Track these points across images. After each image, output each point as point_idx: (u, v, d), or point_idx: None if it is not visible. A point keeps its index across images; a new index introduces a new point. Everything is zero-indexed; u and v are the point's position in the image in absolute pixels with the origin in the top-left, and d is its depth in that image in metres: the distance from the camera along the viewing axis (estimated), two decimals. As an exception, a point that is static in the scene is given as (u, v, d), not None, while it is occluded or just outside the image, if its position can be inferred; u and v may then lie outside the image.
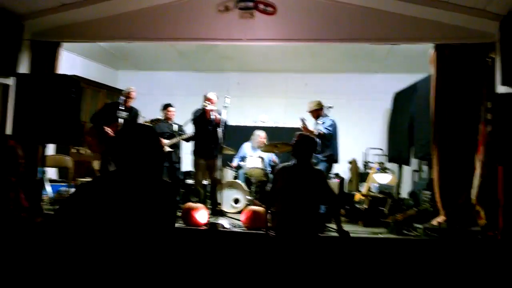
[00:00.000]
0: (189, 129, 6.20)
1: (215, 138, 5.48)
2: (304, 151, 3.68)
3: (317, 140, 3.86)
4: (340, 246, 3.83)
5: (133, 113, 6.00)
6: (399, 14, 5.21)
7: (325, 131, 5.64)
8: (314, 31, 5.44)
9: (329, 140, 5.68)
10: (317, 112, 5.92)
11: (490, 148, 4.51)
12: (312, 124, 5.96)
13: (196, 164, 5.96)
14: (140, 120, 5.89)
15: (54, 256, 1.68)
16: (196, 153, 5.91)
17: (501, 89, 4.66)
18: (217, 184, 5.76)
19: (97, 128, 5.79)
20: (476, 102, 4.92)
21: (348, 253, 4.07)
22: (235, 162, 7.04)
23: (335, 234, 3.81)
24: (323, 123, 5.77)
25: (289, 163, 3.78)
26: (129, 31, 5.70)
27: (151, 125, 5.92)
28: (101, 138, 5.76)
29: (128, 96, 5.93)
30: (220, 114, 5.64)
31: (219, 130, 5.42)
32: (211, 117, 5.72)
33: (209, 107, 5.73)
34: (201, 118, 5.77)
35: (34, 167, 5.46)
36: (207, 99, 5.79)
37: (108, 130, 5.71)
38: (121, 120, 5.65)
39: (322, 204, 3.71)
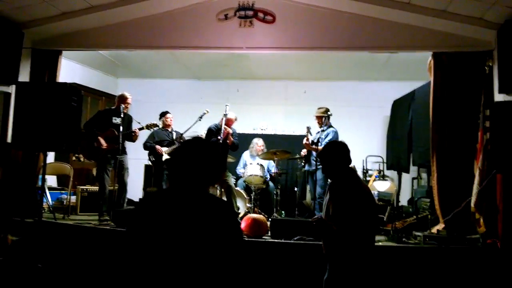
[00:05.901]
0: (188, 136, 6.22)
1: (224, 152, 5.69)
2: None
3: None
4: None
5: (127, 119, 5.86)
6: (397, 23, 5.27)
7: None
8: (312, 40, 5.49)
9: None
10: (323, 119, 5.94)
11: (488, 155, 4.53)
12: (315, 130, 6.06)
13: None
14: (136, 126, 5.82)
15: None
16: None
17: (498, 97, 4.69)
18: (232, 191, 5.90)
19: (89, 136, 5.62)
20: (474, 110, 4.95)
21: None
22: (240, 172, 6.97)
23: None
24: (327, 135, 5.74)
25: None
26: (130, 40, 5.76)
27: (148, 130, 5.91)
28: (92, 146, 5.59)
29: (125, 102, 5.79)
30: (234, 134, 5.97)
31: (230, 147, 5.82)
32: (226, 140, 5.86)
33: (228, 129, 5.90)
34: (216, 136, 5.87)
35: (35, 175, 5.48)
36: (228, 120, 5.88)
37: (102, 141, 5.54)
38: (116, 125, 5.57)
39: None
